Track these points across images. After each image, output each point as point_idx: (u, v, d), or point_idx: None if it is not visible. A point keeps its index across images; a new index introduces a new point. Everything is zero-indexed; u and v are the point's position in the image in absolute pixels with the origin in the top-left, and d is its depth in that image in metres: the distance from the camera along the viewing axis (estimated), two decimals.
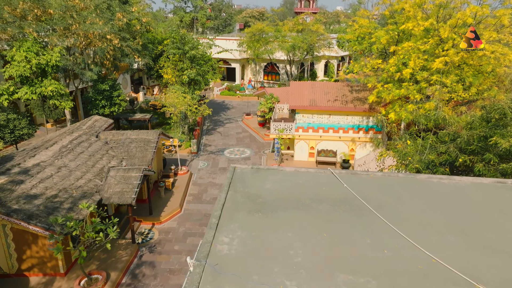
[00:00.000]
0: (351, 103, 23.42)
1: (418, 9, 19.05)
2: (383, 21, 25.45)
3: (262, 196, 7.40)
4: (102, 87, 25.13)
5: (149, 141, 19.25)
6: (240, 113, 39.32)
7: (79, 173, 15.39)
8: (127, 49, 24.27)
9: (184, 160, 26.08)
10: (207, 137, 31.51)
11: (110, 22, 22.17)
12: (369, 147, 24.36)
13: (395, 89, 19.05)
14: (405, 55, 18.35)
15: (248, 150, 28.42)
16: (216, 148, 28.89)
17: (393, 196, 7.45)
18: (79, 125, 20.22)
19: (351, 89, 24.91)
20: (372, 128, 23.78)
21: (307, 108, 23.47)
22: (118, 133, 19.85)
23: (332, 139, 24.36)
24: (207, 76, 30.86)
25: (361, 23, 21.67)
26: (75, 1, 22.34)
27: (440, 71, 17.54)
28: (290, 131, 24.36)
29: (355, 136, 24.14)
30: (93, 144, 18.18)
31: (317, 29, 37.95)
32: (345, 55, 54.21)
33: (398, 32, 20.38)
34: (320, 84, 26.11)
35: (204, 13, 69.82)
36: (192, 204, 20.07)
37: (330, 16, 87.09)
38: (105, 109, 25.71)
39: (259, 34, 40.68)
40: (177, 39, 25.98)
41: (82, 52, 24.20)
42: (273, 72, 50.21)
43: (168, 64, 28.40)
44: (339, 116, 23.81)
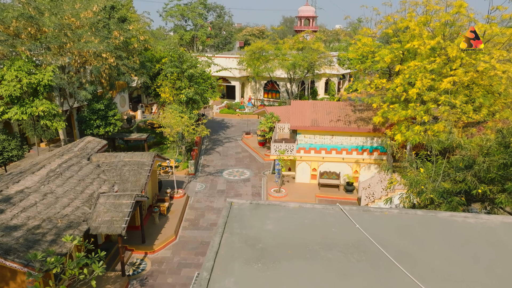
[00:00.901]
0: (354, 124, 22.57)
1: (423, 27, 18.43)
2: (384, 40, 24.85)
3: (262, 240, 6.39)
4: (97, 107, 24.35)
5: (143, 164, 18.29)
6: (239, 132, 38.49)
7: (67, 200, 14.36)
8: (123, 67, 23.60)
9: (181, 182, 25.04)
10: (205, 157, 30.55)
11: (105, 40, 21.55)
12: (373, 169, 23.37)
13: (401, 109, 18.22)
14: (411, 75, 17.60)
15: (248, 171, 27.42)
16: (214, 169, 27.90)
17: (413, 240, 6.44)
18: (70, 147, 19.30)
19: (354, 108, 24.12)
20: (376, 149, 22.86)
21: (309, 128, 22.61)
22: (111, 155, 18.92)
23: (335, 160, 23.40)
24: (206, 95, 30.15)
25: (364, 42, 21.04)
26: (71, 19, 21.79)
27: (448, 91, 16.75)
28: (291, 152, 23.43)
29: (359, 158, 23.19)
30: (84, 168, 17.21)
31: (318, 47, 37.54)
32: (345, 73, 53.85)
33: (403, 50, 19.71)
34: (322, 103, 25.35)
35: (205, 31, 70.04)
36: (188, 231, 18.94)
37: (330, 34, 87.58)
38: (100, 129, 24.87)
39: (259, 52, 40.28)
40: (175, 57, 25.36)
41: (77, 71, 23.52)
42: (273, 90, 49.67)
43: (166, 83, 27.72)
44: (342, 136, 22.93)
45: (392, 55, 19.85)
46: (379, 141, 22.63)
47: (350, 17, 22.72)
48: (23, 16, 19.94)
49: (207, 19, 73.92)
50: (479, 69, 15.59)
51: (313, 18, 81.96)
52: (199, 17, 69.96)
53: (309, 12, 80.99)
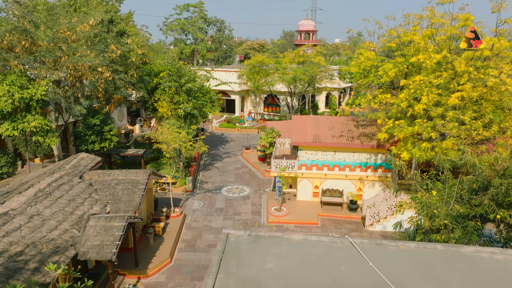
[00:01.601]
0: (357, 139, 21.84)
1: (428, 41, 17.87)
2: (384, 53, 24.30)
3: (262, 283, 5.56)
4: (92, 122, 23.65)
5: (137, 182, 17.47)
6: (239, 147, 37.74)
7: (54, 222, 13.50)
8: (119, 82, 22.98)
9: (178, 199, 24.15)
10: (204, 173, 29.72)
11: (101, 54, 21.00)
12: (378, 187, 22.52)
13: (407, 125, 17.51)
14: (417, 89, 16.95)
15: (248, 188, 26.54)
16: (213, 185, 27.03)
17: (437, 281, 5.61)
18: (62, 164, 18.51)
19: (357, 124, 23.42)
20: (381, 166, 22.05)
21: (311, 144, 21.86)
22: (105, 173, 18.11)
23: (338, 177, 22.57)
24: (205, 109, 29.51)
25: (366, 56, 20.48)
26: (66, 32, 21.28)
27: (456, 106, 16.06)
28: (293, 169, 22.62)
29: (362, 175, 22.37)
30: (75, 187, 16.38)
31: (319, 61, 37.11)
32: (346, 86, 53.44)
33: (407, 64, 19.12)
34: (324, 118, 24.66)
35: (205, 45, 70.04)
36: (184, 253, 17.97)
37: (330, 48, 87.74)
38: (95, 144, 24.11)
39: (259, 66, 39.86)
40: (173, 71, 24.80)
41: (72, 85, 22.92)
42: (274, 104, 49.14)
43: (164, 97, 27.10)
44: (345, 153, 22.16)
45: (396, 69, 19.25)
46: (384, 157, 21.86)
47: (353, 30, 22.19)
48: (17, 30, 19.43)
49: (207, 33, 74.06)
50: (488, 84, 14.94)
51: (313, 32, 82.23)
52: (199, 31, 70.08)
53: (309, 26, 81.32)
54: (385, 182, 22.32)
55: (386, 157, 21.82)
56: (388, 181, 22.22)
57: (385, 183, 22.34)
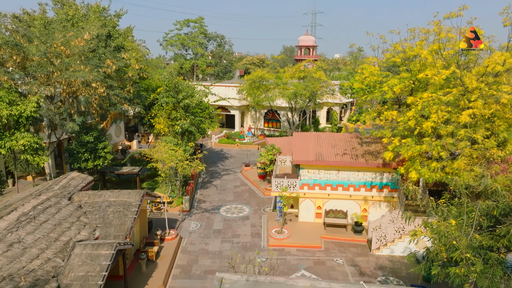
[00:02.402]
0: (362, 158, 20.88)
1: (436, 55, 17.12)
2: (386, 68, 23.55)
3: None
4: (85, 139, 22.76)
5: (129, 204, 16.43)
6: (239, 163, 36.76)
7: (36, 250, 12.43)
8: (114, 97, 22.18)
9: (174, 220, 23.04)
10: (202, 192, 28.65)
11: (95, 69, 20.26)
12: (384, 207, 21.45)
13: (414, 144, 16.59)
14: (425, 107, 16.09)
15: (247, 208, 25.44)
16: (211, 205, 25.94)
17: None
18: (51, 185, 17.52)
19: (361, 141, 22.51)
20: (386, 185, 21.04)
21: (313, 163, 20.90)
22: (95, 194, 17.10)
23: (342, 197, 21.53)
24: (203, 126, 28.67)
25: (370, 71, 19.72)
26: (60, 47, 20.60)
27: (467, 124, 15.17)
28: (294, 189, 21.59)
29: (367, 195, 21.32)
30: (63, 209, 15.35)
31: (320, 76, 36.48)
32: (347, 102, 52.83)
33: (413, 80, 18.33)
34: (326, 135, 23.76)
35: (205, 60, 69.84)
36: (179, 280, 16.79)
37: (330, 63, 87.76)
38: (89, 162, 23.16)
39: (259, 81, 39.24)
40: (170, 87, 24.04)
41: (65, 101, 22.13)
42: (274, 119, 48.40)
43: (161, 113, 26.29)
44: (349, 172, 21.17)
45: (402, 85, 18.46)
46: (390, 176, 20.87)
47: (356, 44, 21.59)
48: (8, 44, 18.74)
49: (208, 48, 74.02)
50: (502, 101, 14.08)
51: (313, 48, 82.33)
52: (200, 46, 70.04)
53: (309, 41, 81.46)
54: (391, 203, 21.27)
55: (392, 176, 20.85)
56: (394, 202, 21.17)
57: (391, 203, 21.28)
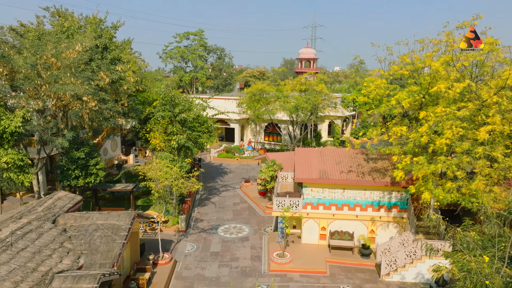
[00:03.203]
0: (368, 175, 19.64)
1: (448, 67, 16.05)
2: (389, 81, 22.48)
3: None
4: (76, 155, 21.56)
5: (119, 228, 15.13)
6: (238, 179, 35.48)
7: (9, 284, 11.08)
8: (106, 111, 21.06)
9: (169, 241, 21.67)
10: (199, 209, 27.30)
11: (86, 82, 19.21)
12: (392, 229, 20.10)
13: (427, 162, 15.37)
14: (438, 122, 14.94)
15: (247, 227, 24.06)
16: (208, 224, 24.57)
17: None
18: (34, 206, 16.23)
19: (367, 157, 21.30)
20: (395, 205, 19.74)
21: (317, 181, 19.65)
22: (82, 216, 15.81)
23: (348, 218, 20.20)
24: (201, 140, 27.51)
25: (377, 84, 18.65)
26: (51, 59, 19.59)
27: (485, 142, 13.99)
28: (297, 208, 20.29)
29: (375, 215, 20.01)
30: (45, 234, 14.04)
31: (322, 89, 35.49)
32: (349, 115, 51.81)
33: (423, 93, 17.23)
34: (330, 151, 22.56)
35: (204, 73, 69.16)
36: None
37: (331, 76, 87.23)
38: (79, 180, 21.91)
39: (260, 94, 38.25)
40: (166, 100, 22.95)
41: (55, 116, 21.02)
42: (275, 133, 47.28)
43: (157, 127, 25.17)
44: (355, 190, 19.90)
45: (411, 99, 17.36)
46: (399, 195, 19.59)
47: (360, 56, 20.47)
48: None
49: (207, 60, 73.45)
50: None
51: (314, 60, 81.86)
52: (199, 58, 69.46)
53: (309, 54, 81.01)
54: (400, 224, 19.93)
55: (401, 195, 19.58)
56: (404, 223, 19.83)
57: (400, 224, 19.94)
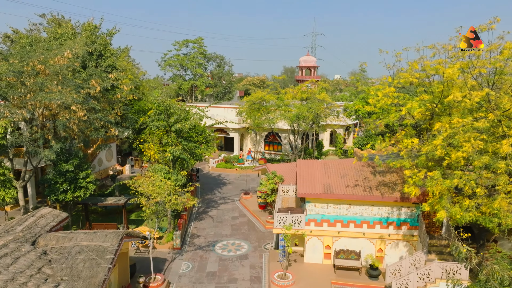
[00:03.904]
0: (376, 190, 18.32)
1: (466, 75, 14.84)
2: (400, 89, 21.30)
3: None
4: (64, 168, 20.27)
5: (105, 250, 13.76)
6: (237, 191, 34.13)
7: None
8: (97, 121, 19.81)
9: (163, 260, 20.26)
10: (196, 224, 25.91)
11: (73, 91, 18.00)
12: (402, 247, 18.70)
13: (442, 177, 14.07)
14: (454, 134, 13.68)
15: (246, 244, 22.65)
16: (205, 240, 23.16)
17: None
18: (13, 225, 14.89)
19: (374, 170, 20.00)
20: (405, 222, 18.38)
21: (321, 196, 18.32)
22: (66, 236, 14.45)
23: (354, 235, 18.83)
24: (198, 151, 26.22)
25: (385, 92, 17.44)
26: (38, 66, 18.43)
27: (507, 156, 12.72)
28: (299, 225, 18.93)
29: (383, 233, 18.64)
30: (21, 258, 12.68)
31: (324, 97, 34.32)
32: (351, 123, 50.61)
33: (435, 103, 16.00)
34: (334, 163, 21.26)
35: (204, 81, 68.17)
36: None
37: (332, 84, 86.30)
38: (68, 194, 20.59)
39: (260, 102, 37.07)
40: (161, 109, 21.73)
41: (42, 126, 19.79)
42: (275, 142, 46.04)
43: (152, 137, 23.92)
44: (361, 206, 18.57)
45: (423, 108, 16.13)
46: (409, 212, 18.25)
47: (367, 64, 19.33)
48: None
49: (207, 69, 72.55)
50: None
51: (315, 68, 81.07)
52: (199, 66, 68.54)
53: (310, 62, 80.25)
54: (411, 242, 18.55)
55: (412, 211, 18.23)
56: (415, 241, 18.45)
57: (411, 243, 18.56)
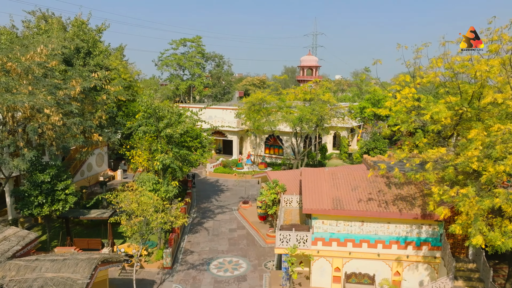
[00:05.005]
0: (393, 205, 16.01)
1: (498, 72, 12.56)
2: None
3: None
4: (40, 178, 17.99)
5: (73, 283, 11.45)
6: (236, 198, 31.82)
7: None
8: (75, 127, 17.49)
9: (150, 282, 17.96)
10: (190, 237, 23.60)
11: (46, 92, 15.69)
12: (423, 271, 16.38)
13: (476, 194, 11.78)
14: (493, 144, 11.39)
15: (244, 262, 20.34)
16: (199, 257, 20.85)
17: None
18: None
19: (388, 181, 17.70)
20: (426, 242, 16.06)
21: (330, 212, 16.01)
22: (28, 266, 12.15)
23: (367, 257, 16.52)
24: (194, 157, 23.90)
25: (405, 94, 15.13)
26: (8, 64, 16.13)
27: None
28: (305, 245, 16.62)
29: (401, 254, 16.32)
30: None
31: (329, 98, 31.99)
32: (356, 125, 48.33)
33: (466, 106, 13.70)
34: (344, 173, 18.94)
35: (202, 81, 65.90)
36: None
37: (334, 84, 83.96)
38: (44, 207, 18.34)
39: (260, 104, 34.74)
40: (149, 112, 19.40)
41: (13, 132, 17.49)
42: (276, 146, 43.72)
43: (142, 142, 21.61)
44: (376, 223, 16.25)
45: (451, 112, 13.83)
46: (430, 230, 15.94)
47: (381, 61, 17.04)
48: None
49: (205, 68, 70.24)
50: None
51: (316, 68, 78.79)
52: (197, 66, 66.26)
53: (312, 61, 77.97)
54: (432, 265, 16.23)
55: (434, 229, 15.93)
56: (437, 264, 16.13)
57: (433, 265, 16.24)
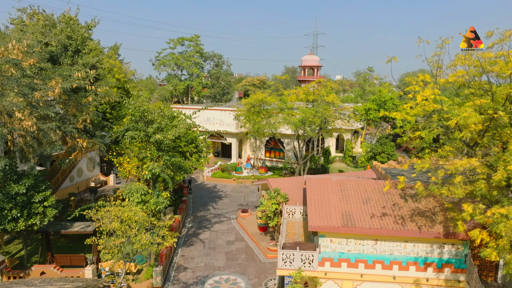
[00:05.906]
0: (411, 221, 14.10)
1: None
2: None
3: None
4: (14, 189, 16.09)
5: None
6: (234, 206, 29.91)
7: None
8: (52, 132, 15.58)
9: None
10: (184, 251, 21.69)
11: (14, 93, 13.80)
12: None
13: None
14: None
15: (243, 281, 18.44)
16: (193, 275, 18.94)
17: None
18: None
19: (403, 193, 15.79)
20: (448, 263, 14.15)
21: (339, 230, 14.10)
22: None
23: (382, 279, 14.59)
24: (188, 163, 22.02)
25: (426, 95, 13.22)
26: None
27: None
28: (311, 266, 14.71)
29: (420, 276, 14.39)
30: None
31: (333, 99, 30.07)
32: (359, 127, 46.43)
33: (501, 109, 11.79)
34: (353, 183, 17.01)
35: (200, 81, 64.03)
36: None
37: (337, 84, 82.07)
38: (19, 222, 16.44)
39: (260, 105, 32.82)
40: (137, 116, 17.50)
41: None
42: (277, 149, 41.80)
43: (131, 148, 19.74)
44: (392, 242, 14.34)
45: (482, 117, 11.93)
46: (453, 250, 14.03)
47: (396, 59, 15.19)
48: None
49: (204, 68, 68.34)
50: None
51: (318, 68, 76.99)
52: (195, 66, 64.40)
53: (313, 61, 76.14)
54: None
55: (457, 250, 14.02)
56: None
57: None
